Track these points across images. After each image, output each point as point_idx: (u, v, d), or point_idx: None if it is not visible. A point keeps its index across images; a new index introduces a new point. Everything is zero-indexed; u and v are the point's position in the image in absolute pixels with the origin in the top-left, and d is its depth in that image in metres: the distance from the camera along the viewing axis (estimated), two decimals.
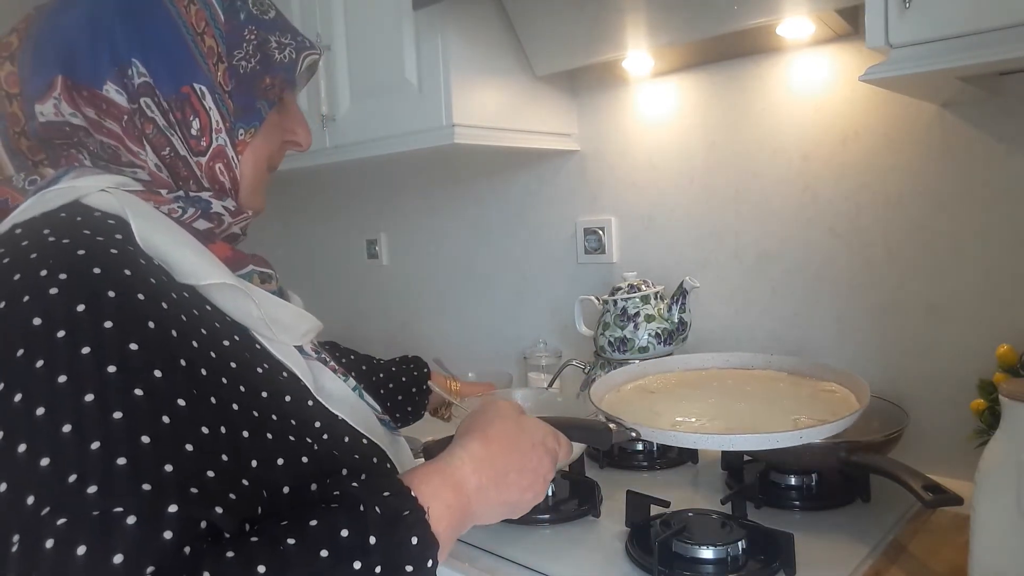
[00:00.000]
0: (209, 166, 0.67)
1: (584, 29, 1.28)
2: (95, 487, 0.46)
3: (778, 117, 1.29)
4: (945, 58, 0.78)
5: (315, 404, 0.67)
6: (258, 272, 0.70)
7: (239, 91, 0.68)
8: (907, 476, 0.89)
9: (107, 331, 0.51)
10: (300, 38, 0.73)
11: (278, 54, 0.70)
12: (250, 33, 0.68)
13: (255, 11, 0.70)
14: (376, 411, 0.76)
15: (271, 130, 0.72)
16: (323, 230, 2.27)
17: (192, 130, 0.66)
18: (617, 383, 0.93)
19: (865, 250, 1.22)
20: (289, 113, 0.75)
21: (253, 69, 0.68)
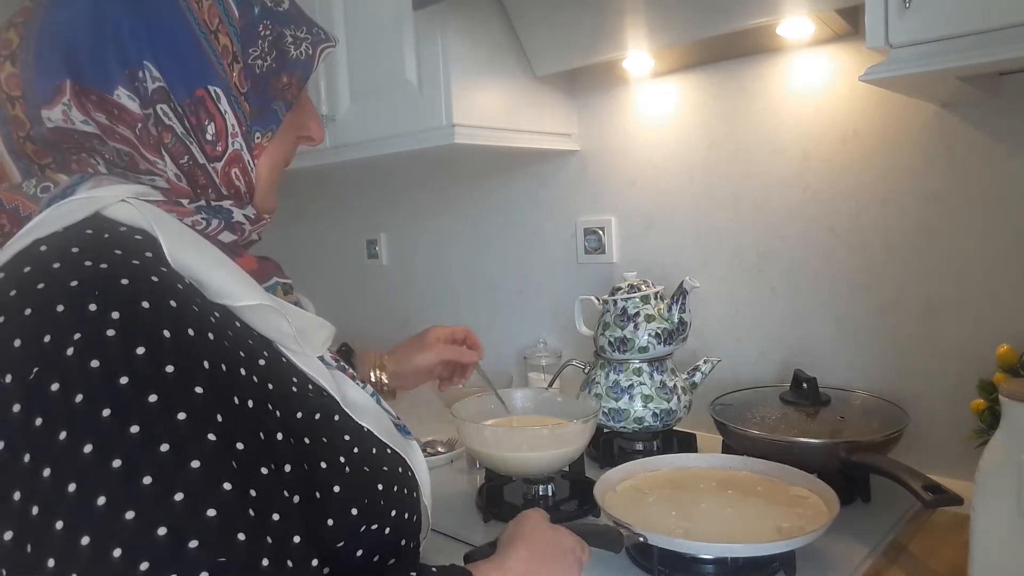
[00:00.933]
0: (225, 172, 0.64)
1: (584, 29, 1.28)
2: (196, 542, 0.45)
3: (778, 117, 1.29)
4: (945, 58, 0.78)
5: (342, 417, 0.65)
6: (281, 284, 0.68)
7: (255, 92, 0.64)
8: (907, 476, 0.89)
9: (170, 376, 0.49)
10: (316, 30, 0.69)
11: (294, 50, 0.66)
12: (265, 28, 0.64)
13: (269, 3, 0.65)
14: (392, 416, 0.74)
15: (287, 130, 0.69)
16: (323, 230, 2.27)
17: (207, 135, 0.62)
18: (613, 483, 1.00)
19: (865, 250, 1.22)
20: (303, 108, 0.72)
21: (269, 68, 0.64)
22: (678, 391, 1.23)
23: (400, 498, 0.66)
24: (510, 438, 1.04)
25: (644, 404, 1.21)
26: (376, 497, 0.63)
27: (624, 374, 1.22)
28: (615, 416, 1.21)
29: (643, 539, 0.83)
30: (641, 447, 1.26)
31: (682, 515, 0.91)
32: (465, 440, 1.09)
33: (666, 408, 1.21)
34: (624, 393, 1.21)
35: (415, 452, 0.74)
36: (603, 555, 0.88)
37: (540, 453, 1.03)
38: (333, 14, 1.49)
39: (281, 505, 0.52)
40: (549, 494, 1.08)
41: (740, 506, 0.93)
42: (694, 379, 1.26)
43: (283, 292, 0.68)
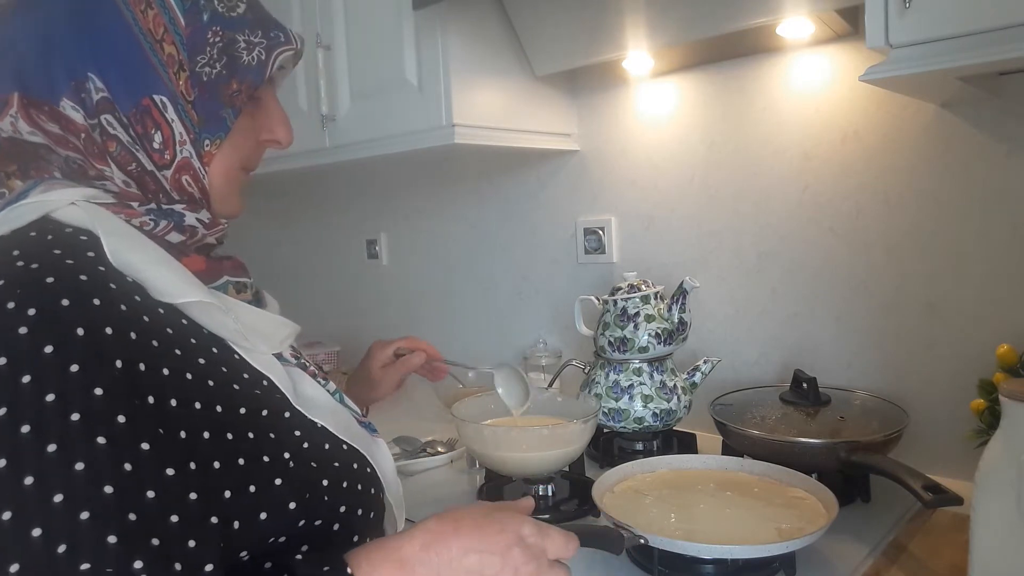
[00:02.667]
0: (175, 178, 0.65)
1: (584, 29, 1.28)
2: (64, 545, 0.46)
3: (778, 117, 1.29)
4: (945, 58, 0.78)
5: (294, 414, 0.66)
6: (233, 282, 0.69)
7: (203, 100, 0.64)
8: (907, 476, 0.89)
9: (73, 376, 0.50)
10: (274, 33, 0.68)
11: (246, 56, 0.66)
12: (214, 35, 0.64)
13: (221, 9, 0.65)
14: (356, 414, 0.75)
15: (241, 135, 0.69)
16: (323, 230, 2.27)
17: (154, 144, 0.63)
18: (611, 484, 0.99)
19: (865, 250, 1.22)
20: (266, 111, 0.71)
21: (218, 75, 0.64)
22: (678, 391, 1.23)
23: (353, 494, 0.66)
24: (510, 438, 1.04)
25: (644, 404, 1.21)
26: (320, 492, 0.63)
27: (624, 374, 1.22)
28: (615, 416, 1.21)
29: (644, 541, 0.83)
30: (641, 447, 1.26)
31: (681, 516, 0.91)
32: (465, 440, 1.09)
33: (666, 408, 1.21)
34: (624, 393, 1.21)
35: (380, 450, 0.75)
36: (603, 556, 0.88)
37: (540, 453, 1.03)
38: (333, 14, 1.49)
39: (183, 507, 0.52)
40: (549, 494, 1.08)
41: (739, 507, 0.93)
42: (694, 379, 1.26)
43: (235, 291, 0.69)
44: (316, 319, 2.29)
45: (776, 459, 1.01)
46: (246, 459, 0.59)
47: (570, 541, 0.65)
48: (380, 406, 1.78)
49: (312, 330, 2.31)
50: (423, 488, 1.19)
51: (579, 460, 1.12)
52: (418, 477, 1.24)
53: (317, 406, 0.69)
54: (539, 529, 0.64)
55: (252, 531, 0.58)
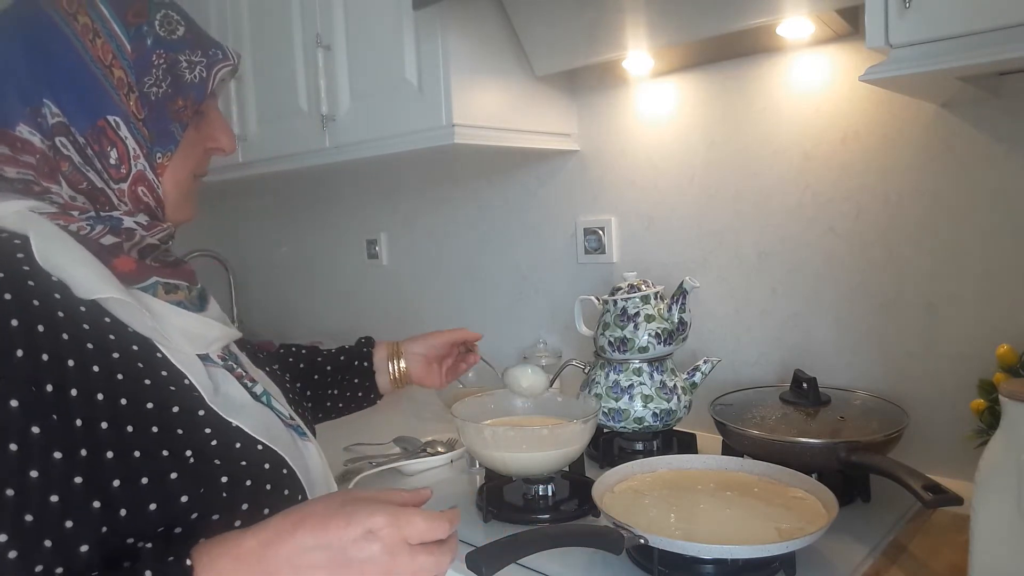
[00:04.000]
0: (132, 190, 0.71)
1: (584, 29, 1.28)
2: None
3: (778, 117, 1.29)
4: (945, 58, 0.78)
5: (209, 412, 0.69)
6: (162, 283, 0.73)
7: (152, 117, 0.71)
8: (907, 476, 0.89)
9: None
10: (212, 51, 0.74)
11: (188, 74, 0.72)
12: (158, 58, 0.70)
13: (162, 33, 0.71)
14: (282, 417, 0.78)
15: (190, 146, 0.75)
16: (323, 230, 2.27)
17: (111, 160, 0.69)
18: (610, 484, 1.00)
19: (865, 250, 1.22)
20: (210, 121, 0.78)
21: (164, 93, 0.71)
22: (678, 391, 1.23)
23: (258, 493, 0.69)
24: (510, 438, 1.04)
25: (644, 404, 1.21)
26: (217, 488, 0.66)
27: (624, 374, 1.22)
28: (615, 416, 1.21)
29: (644, 541, 0.83)
30: (641, 447, 1.26)
31: (681, 516, 0.91)
32: (465, 440, 1.09)
33: (666, 408, 1.21)
34: (624, 393, 1.21)
35: (307, 453, 0.78)
36: (603, 556, 0.88)
37: (540, 453, 1.03)
38: (333, 14, 1.49)
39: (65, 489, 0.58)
40: (549, 494, 1.08)
41: (739, 507, 0.93)
42: (694, 379, 1.26)
43: (164, 292, 0.73)
44: (316, 319, 2.29)
45: (776, 459, 1.01)
46: (142, 452, 0.63)
47: (434, 520, 0.61)
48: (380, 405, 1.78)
49: (312, 330, 2.31)
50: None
51: (579, 460, 1.12)
52: (418, 477, 1.24)
53: (235, 406, 0.72)
54: (394, 518, 0.60)
55: (140, 520, 0.61)
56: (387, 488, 0.68)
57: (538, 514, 1.05)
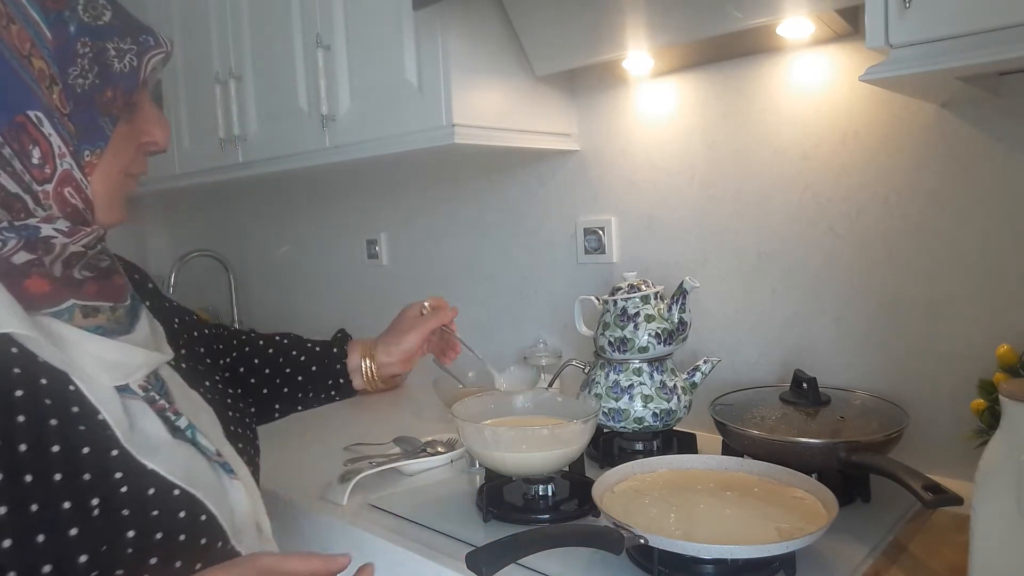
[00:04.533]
0: (57, 192, 0.64)
1: (584, 29, 1.28)
2: None
3: (778, 117, 1.29)
4: (945, 58, 0.78)
5: (122, 453, 0.63)
6: (80, 306, 0.66)
7: (79, 111, 0.64)
8: (907, 476, 0.89)
9: None
10: (143, 38, 0.67)
11: (117, 63, 0.65)
12: (83, 46, 0.64)
13: (86, 19, 0.64)
14: (208, 453, 0.72)
15: (122, 142, 0.68)
16: (323, 230, 2.27)
17: (33, 159, 0.62)
18: (610, 484, 0.99)
19: (865, 250, 1.22)
20: (142, 114, 0.71)
21: (92, 84, 0.64)
22: (678, 391, 1.23)
23: (170, 545, 0.64)
24: (510, 438, 1.04)
25: (644, 404, 1.21)
26: (122, 545, 0.61)
27: (624, 374, 1.22)
28: (615, 416, 1.21)
29: (644, 541, 0.83)
30: (641, 447, 1.26)
31: (681, 516, 0.91)
32: (465, 440, 1.09)
33: (666, 408, 1.21)
34: (624, 393, 1.21)
35: (232, 494, 0.72)
36: (603, 556, 0.88)
37: (540, 453, 1.03)
38: (333, 14, 1.50)
39: None
40: (549, 494, 1.08)
41: (739, 507, 0.93)
42: (694, 379, 1.26)
43: (82, 315, 0.66)
44: (316, 319, 2.29)
45: (776, 459, 1.01)
46: (40, 505, 0.57)
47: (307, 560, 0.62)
48: (380, 405, 1.78)
49: (312, 330, 2.30)
50: (423, 488, 1.19)
51: (579, 460, 1.12)
52: (418, 477, 1.24)
53: (151, 446, 0.66)
54: None
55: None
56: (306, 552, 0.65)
57: (538, 514, 1.05)
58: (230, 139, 1.79)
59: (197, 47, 1.88)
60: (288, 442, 1.47)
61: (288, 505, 1.18)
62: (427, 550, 0.97)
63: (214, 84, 1.79)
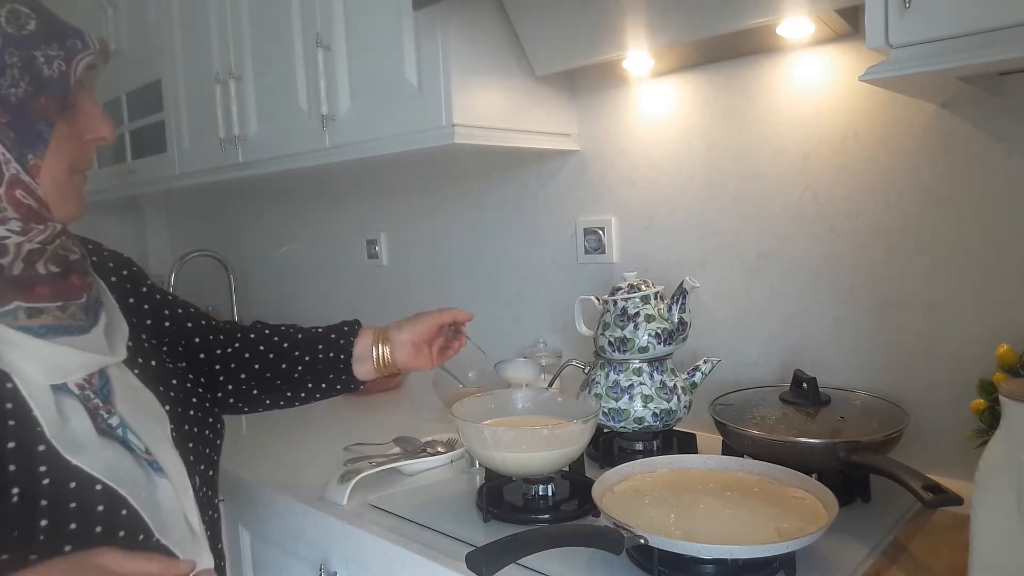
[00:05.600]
0: (9, 195, 0.69)
1: (584, 29, 1.28)
2: None
3: (778, 117, 1.29)
4: (945, 58, 0.78)
5: (48, 449, 0.68)
6: (24, 308, 0.71)
7: (16, 119, 0.68)
8: (907, 476, 0.89)
9: None
10: (71, 42, 0.71)
11: (47, 69, 0.69)
12: (11, 56, 0.67)
13: (11, 30, 0.68)
14: (137, 450, 0.76)
15: (63, 142, 0.72)
16: (323, 230, 2.27)
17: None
18: (611, 484, 0.99)
19: (865, 250, 1.22)
20: (82, 113, 0.74)
21: (25, 92, 0.68)
22: (678, 391, 1.23)
23: (86, 535, 0.68)
24: (510, 438, 1.04)
25: (644, 404, 1.21)
26: (34, 532, 0.65)
27: (624, 374, 1.22)
28: (615, 416, 1.21)
29: (644, 541, 0.83)
30: (641, 447, 1.26)
31: (681, 516, 0.91)
32: (465, 440, 1.09)
33: (666, 408, 1.21)
34: (624, 393, 1.21)
35: (158, 491, 0.76)
36: (603, 556, 0.88)
37: (540, 453, 1.03)
38: (333, 14, 1.50)
39: None
40: (549, 494, 1.08)
41: (739, 507, 0.93)
42: (694, 379, 1.26)
43: (26, 316, 0.71)
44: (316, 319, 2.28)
45: (776, 459, 1.01)
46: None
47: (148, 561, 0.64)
48: (380, 405, 1.78)
49: None
50: (423, 488, 1.20)
51: (579, 460, 1.12)
52: (418, 477, 1.24)
53: (77, 443, 0.70)
54: None
55: None
56: (152, 554, 0.68)
57: (538, 514, 1.05)
58: (230, 139, 1.79)
59: (197, 47, 1.88)
60: (288, 442, 1.47)
61: (288, 505, 1.18)
62: (427, 550, 0.97)
63: (214, 84, 1.79)
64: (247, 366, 1.03)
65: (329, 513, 1.11)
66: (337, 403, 1.80)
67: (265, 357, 1.04)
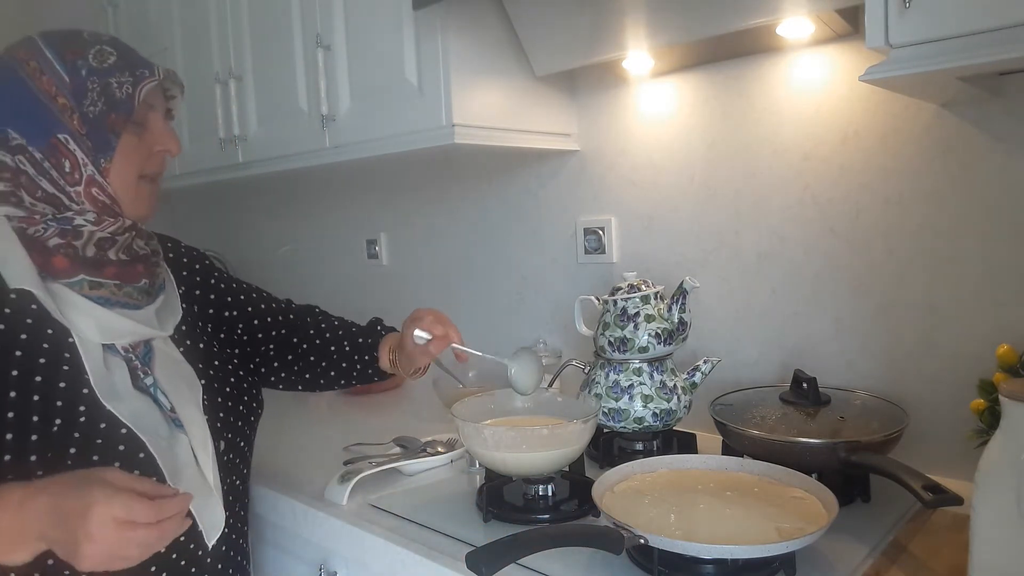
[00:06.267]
0: (88, 192, 0.88)
1: (584, 29, 1.28)
2: None
3: (778, 117, 1.29)
4: (945, 58, 0.78)
5: (90, 392, 0.85)
6: (88, 280, 0.88)
7: (92, 131, 0.87)
8: (907, 476, 0.89)
9: None
10: (140, 71, 0.90)
11: (118, 92, 0.88)
12: (92, 84, 0.87)
13: (95, 64, 0.88)
14: (166, 409, 0.91)
15: (130, 151, 0.90)
16: (323, 230, 2.27)
17: (66, 168, 0.87)
18: (611, 484, 1.00)
19: (865, 250, 1.22)
20: (150, 130, 0.93)
21: (100, 111, 0.87)
22: (678, 391, 1.23)
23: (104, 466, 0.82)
24: (510, 438, 1.04)
25: (644, 404, 1.21)
26: (63, 458, 0.82)
27: (624, 374, 1.22)
28: (615, 416, 1.21)
29: (644, 540, 0.83)
30: (641, 447, 1.26)
31: (681, 516, 0.91)
32: (465, 440, 1.09)
33: (666, 408, 1.21)
34: (624, 393, 1.21)
35: (176, 443, 0.91)
36: (603, 556, 0.88)
37: (540, 453, 1.03)
38: (333, 14, 1.50)
39: None
40: (549, 494, 1.08)
41: (739, 507, 0.93)
42: (694, 379, 1.26)
43: (88, 287, 0.88)
44: None
45: (776, 459, 1.01)
46: (15, 413, 0.81)
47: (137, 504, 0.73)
48: (380, 405, 1.78)
49: None
50: (423, 488, 1.20)
51: (579, 460, 1.12)
52: (418, 477, 1.24)
53: (115, 393, 0.87)
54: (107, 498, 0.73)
55: None
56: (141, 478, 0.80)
57: (538, 514, 1.05)
58: (230, 139, 1.79)
59: (197, 47, 1.88)
60: (288, 442, 1.47)
61: (288, 505, 1.18)
62: (427, 550, 0.97)
63: (214, 84, 1.79)
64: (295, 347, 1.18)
65: (329, 513, 1.11)
66: (337, 403, 1.81)
67: (312, 342, 1.19)
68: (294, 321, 1.20)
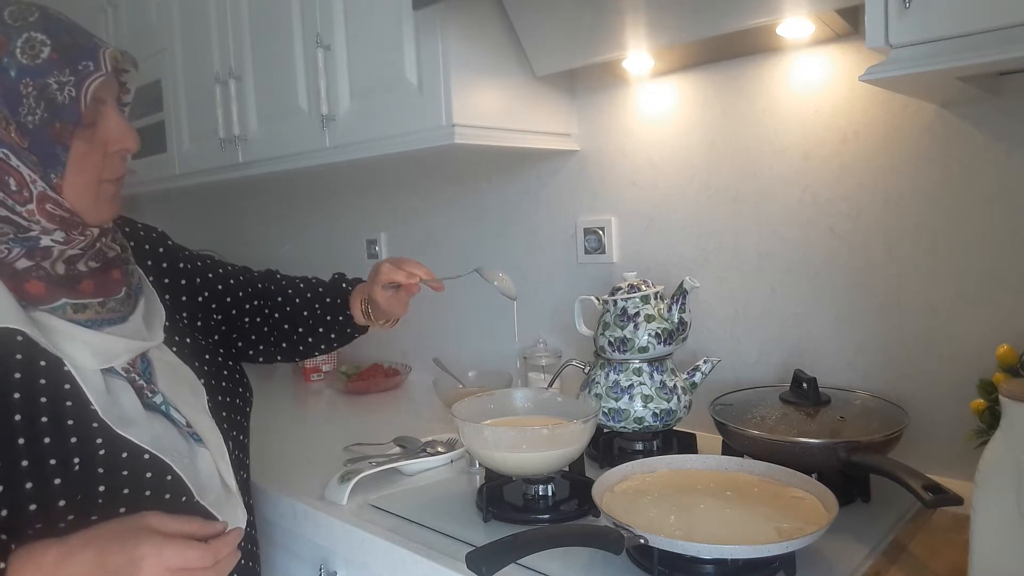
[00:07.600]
0: (42, 208, 0.75)
1: (584, 29, 1.28)
2: None
3: (778, 117, 1.29)
4: (945, 58, 0.78)
5: (101, 424, 0.77)
6: (71, 304, 0.79)
7: (36, 144, 0.73)
8: (907, 476, 0.89)
9: None
10: (82, 65, 0.74)
11: (60, 96, 0.73)
12: (26, 86, 0.72)
13: (25, 61, 0.72)
14: (179, 425, 0.86)
15: (83, 159, 0.77)
16: (323, 230, 2.27)
17: (12, 187, 0.74)
18: (611, 484, 1.00)
19: (865, 250, 1.22)
20: (103, 129, 0.79)
21: (41, 119, 0.73)
22: (678, 391, 1.23)
23: (137, 498, 0.78)
24: (510, 438, 1.04)
25: (644, 404, 1.21)
26: (94, 496, 0.75)
27: (624, 374, 1.22)
28: (615, 416, 1.21)
29: (644, 541, 0.83)
30: (641, 447, 1.26)
31: (681, 516, 0.91)
32: (465, 440, 1.09)
33: (666, 408, 1.21)
34: (624, 393, 1.21)
35: (198, 459, 0.86)
36: (603, 556, 0.88)
37: (540, 453, 1.03)
38: (333, 14, 1.50)
39: None
40: (549, 494, 1.08)
41: (739, 507, 0.93)
42: (694, 379, 1.26)
43: (72, 311, 0.79)
44: None
45: (776, 459, 1.01)
46: (30, 461, 0.73)
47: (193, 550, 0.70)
48: (380, 405, 1.78)
49: None
50: (423, 488, 1.20)
51: (579, 460, 1.12)
52: (418, 477, 1.24)
53: (127, 418, 0.80)
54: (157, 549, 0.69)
55: (20, 518, 0.71)
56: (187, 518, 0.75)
57: (538, 514, 1.05)
58: (230, 139, 1.79)
59: (197, 47, 1.88)
60: (288, 442, 1.47)
61: (288, 505, 1.19)
62: (427, 550, 0.97)
63: (214, 84, 1.79)
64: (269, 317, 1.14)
65: (329, 513, 1.11)
66: (337, 403, 1.81)
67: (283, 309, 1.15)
68: (262, 290, 1.15)
